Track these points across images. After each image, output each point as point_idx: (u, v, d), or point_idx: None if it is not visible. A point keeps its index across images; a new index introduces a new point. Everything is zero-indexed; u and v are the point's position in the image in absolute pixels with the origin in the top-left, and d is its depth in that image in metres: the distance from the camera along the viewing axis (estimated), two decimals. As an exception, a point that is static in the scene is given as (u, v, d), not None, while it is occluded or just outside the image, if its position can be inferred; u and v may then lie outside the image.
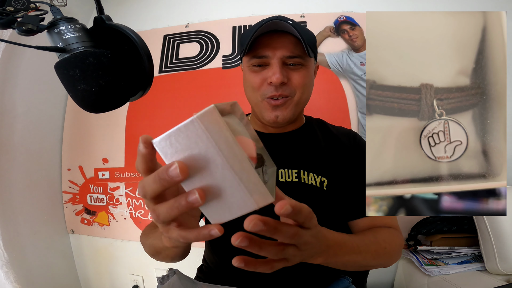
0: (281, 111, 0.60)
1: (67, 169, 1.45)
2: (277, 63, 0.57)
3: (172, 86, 1.38)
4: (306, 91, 0.61)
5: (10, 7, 0.36)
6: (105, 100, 0.40)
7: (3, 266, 1.10)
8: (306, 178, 0.61)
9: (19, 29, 0.35)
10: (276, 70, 0.56)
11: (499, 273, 0.95)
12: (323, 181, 0.61)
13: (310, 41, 0.58)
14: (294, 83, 0.59)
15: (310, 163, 0.63)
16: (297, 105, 0.61)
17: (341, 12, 1.34)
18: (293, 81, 0.58)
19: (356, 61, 1.29)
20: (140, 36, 0.43)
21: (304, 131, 0.68)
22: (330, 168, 0.63)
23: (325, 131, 0.70)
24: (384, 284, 1.25)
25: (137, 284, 1.40)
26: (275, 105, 0.59)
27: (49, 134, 1.40)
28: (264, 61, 0.58)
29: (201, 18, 1.44)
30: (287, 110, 0.60)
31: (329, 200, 0.61)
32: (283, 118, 0.60)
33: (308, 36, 0.59)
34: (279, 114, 0.60)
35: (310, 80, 0.62)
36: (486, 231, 0.96)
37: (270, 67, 0.57)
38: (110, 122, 1.41)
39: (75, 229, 1.44)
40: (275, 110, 0.60)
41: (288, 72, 0.58)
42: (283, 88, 0.58)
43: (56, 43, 0.39)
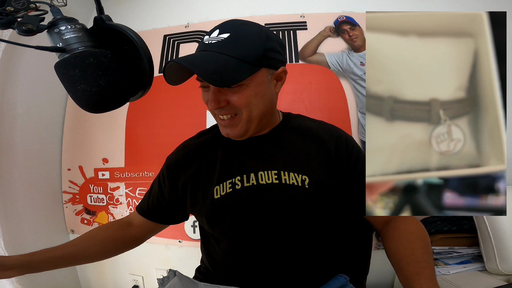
0: (230, 130, 0.60)
1: (67, 169, 1.45)
2: (212, 90, 0.56)
3: (172, 86, 1.38)
4: (255, 107, 0.58)
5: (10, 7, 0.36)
6: (105, 100, 0.41)
7: (3, 266, 1.10)
8: (287, 178, 0.61)
9: (19, 29, 0.35)
10: (211, 96, 0.56)
11: (499, 273, 0.95)
12: (304, 179, 0.61)
13: (250, 54, 0.53)
14: (236, 104, 0.57)
15: (288, 163, 0.62)
16: (249, 122, 0.59)
17: (341, 12, 1.34)
18: (234, 102, 0.56)
19: (356, 61, 1.29)
20: (140, 36, 0.43)
21: (279, 131, 0.67)
22: (310, 166, 0.62)
23: (303, 128, 0.68)
24: (384, 284, 1.24)
25: (137, 284, 1.40)
26: (224, 124, 0.60)
27: (49, 134, 1.40)
28: (205, 84, 0.58)
29: (201, 18, 1.44)
30: (237, 128, 0.60)
31: (313, 198, 0.60)
32: (234, 135, 0.61)
33: (246, 49, 0.53)
34: (229, 132, 0.61)
35: (258, 96, 0.57)
36: (486, 231, 0.96)
37: (210, 90, 0.57)
38: (110, 122, 1.41)
39: (75, 229, 1.44)
40: (226, 128, 0.61)
41: (226, 95, 0.56)
42: (225, 109, 0.58)
43: (56, 43, 0.39)
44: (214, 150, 0.68)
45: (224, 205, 0.62)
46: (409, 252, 0.52)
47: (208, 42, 0.55)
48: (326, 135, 0.66)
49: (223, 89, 0.56)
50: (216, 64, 0.51)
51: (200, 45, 0.57)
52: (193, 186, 0.67)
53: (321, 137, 0.66)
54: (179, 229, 1.31)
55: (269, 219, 0.60)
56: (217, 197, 0.62)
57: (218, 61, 0.52)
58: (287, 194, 0.60)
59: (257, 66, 0.55)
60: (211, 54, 0.53)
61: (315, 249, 0.63)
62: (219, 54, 0.53)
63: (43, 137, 1.36)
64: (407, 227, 0.57)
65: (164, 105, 1.37)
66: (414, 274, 0.47)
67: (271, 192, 0.60)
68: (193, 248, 1.32)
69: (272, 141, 0.66)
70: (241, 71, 0.53)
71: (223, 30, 0.55)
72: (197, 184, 0.66)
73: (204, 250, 0.74)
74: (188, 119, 1.34)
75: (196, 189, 0.66)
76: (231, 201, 0.61)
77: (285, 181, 0.61)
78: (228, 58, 0.52)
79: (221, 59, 0.52)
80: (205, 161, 0.67)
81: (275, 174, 0.61)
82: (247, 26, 0.57)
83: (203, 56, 0.53)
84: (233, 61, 0.52)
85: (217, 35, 0.55)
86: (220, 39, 0.54)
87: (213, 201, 0.62)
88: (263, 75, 0.57)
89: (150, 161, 1.35)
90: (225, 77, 0.51)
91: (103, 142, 1.42)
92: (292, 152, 0.64)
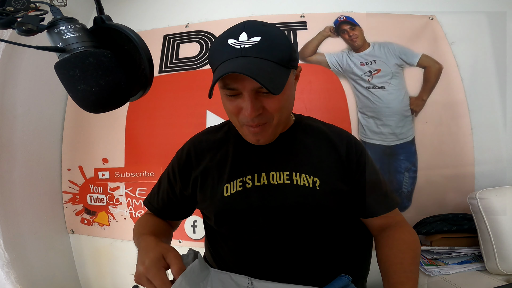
0: (261, 136, 0.59)
1: (67, 169, 1.45)
2: (249, 96, 0.53)
3: (172, 86, 1.38)
4: (285, 110, 0.59)
5: (10, 7, 0.36)
6: (105, 100, 0.40)
7: (4, 266, 1.10)
8: (298, 179, 0.61)
9: (19, 29, 0.35)
10: (248, 105, 0.53)
11: (499, 273, 0.95)
12: (315, 181, 0.61)
13: (285, 57, 0.53)
14: (271, 110, 0.55)
15: (300, 164, 0.63)
16: (277, 126, 0.59)
17: (341, 12, 1.34)
18: (269, 109, 0.55)
19: (356, 61, 1.29)
20: (140, 36, 0.43)
21: (293, 133, 0.68)
22: (321, 168, 0.63)
23: (315, 130, 0.69)
24: (384, 284, 1.24)
25: (137, 284, 1.40)
26: (254, 132, 0.58)
27: (49, 134, 1.41)
28: (236, 92, 0.54)
29: (201, 18, 1.44)
30: (267, 134, 0.59)
31: (324, 200, 0.61)
32: (265, 141, 0.60)
33: (281, 52, 0.52)
34: (260, 138, 0.60)
35: (288, 98, 0.58)
36: (486, 231, 0.96)
37: (243, 98, 0.54)
38: (110, 122, 1.41)
39: (75, 229, 1.44)
40: (256, 135, 0.59)
41: (262, 101, 0.54)
42: (259, 117, 0.56)
43: (56, 43, 0.39)
44: (225, 148, 0.68)
45: (234, 203, 0.62)
46: (398, 261, 0.55)
47: (241, 46, 0.51)
48: (337, 139, 0.67)
49: (259, 96, 0.54)
50: (266, 72, 0.49)
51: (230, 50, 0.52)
52: (203, 182, 0.66)
53: (332, 141, 0.66)
54: (179, 229, 1.31)
55: (278, 219, 0.61)
56: (227, 195, 0.62)
57: (267, 68, 0.49)
58: (297, 195, 0.60)
59: (289, 69, 0.54)
60: (255, 61, 0.50)
61: (320, 249, 0.63)
62: (261, 60, 0.50)
63: (43, 137, 1.36)
64: (401, 237, 0.60)
65: (164, 105, 1.37)
66: (399, 283, 0.51)
67: (282, 193, 0.61)
68: (193, 248, 1.32)
69: (285, 142, 0.66)
70: (282, 76, 0.52)
71: (250, 32, 0.52)
72: (206, 181, 0.66)
73: (210, 248, 0.73)
74: (188, 119, 1.34)
75: (206, 185, 0.66)
76: (241, 200, 0.62)
77: (297, 182, 0.61)
78: (270, 63, 0.50)
79: (267, 66, 0.50)
80: (216, 158, 0.67)
81: (286, 175, 0.62)
82: (269, 27, 0.55)
83: (250, 63, 0.49)
84: (276, 67, 0.51)
85: (247, 38, 0.51)
86: (254, 42, 0.51)
87: (222, 199, 0.62)
88: (291, 76, 0.57)
89: (150, 161, 1.35)
90: (277, 83, 0.49)
91: (103, 142, 1.42)
92: (304, 154, 0.64)
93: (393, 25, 1.30)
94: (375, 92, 1.26)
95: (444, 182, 1.21)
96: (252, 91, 0.52)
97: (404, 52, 1.27)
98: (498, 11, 1.26)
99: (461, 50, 1.25)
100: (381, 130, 1.24)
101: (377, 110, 1.25)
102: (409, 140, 1.23)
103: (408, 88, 1.25)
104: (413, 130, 1.23)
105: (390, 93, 1.25)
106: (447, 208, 1.19)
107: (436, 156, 1.21)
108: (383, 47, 1.28)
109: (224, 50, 0.52)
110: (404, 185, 1.22)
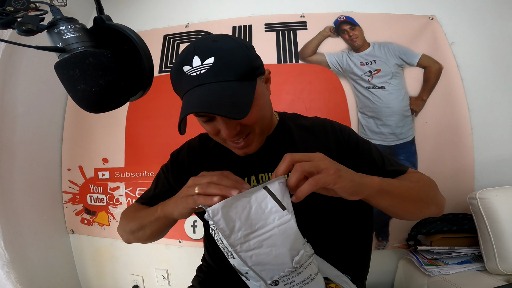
0: (248, 149, 0.60)
1: (67, 169, 1.45)
2: (222, 120, 0.52)
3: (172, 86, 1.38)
4: (264, 119, 0.58)
5: (10, 7, 0.36)
6: (105, 100, 0.40)
7: (4, 266, 1.10)
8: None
9: (19, 29, 0.35)
10: (223, 127, 0.53)
11: (499, 273, 0.95)
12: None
13: (245, 70, 0.50)
14: (248, 124, 0.55)
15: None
16: (262, 134, 0.60)
17: (341, 12, 1.34)
18: (246, 124, 0.55)
19: (356, 61, 1.29)
20: (140, 36, 0.43)
21: (278, 133, 0.69)
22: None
23: (299, 126, 0.69)
24: (384, 284, 1.24)
25: (137, 284, 1.40)
26: (239, 147, 0.59)
27: (49, 134, 1.41)
28: (209, 116, 0.54)
29: (201, 18, 1.44)
30: (253, 145, 0.59)
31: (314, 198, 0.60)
32: (252, 152, 0.61)
33: (239, 66, 0.50)
34: (246, 151, 0.60)
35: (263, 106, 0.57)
36: (486, 231, 0.96)
37: (217, 120, 0.54)
38: (110, 122, 1.41)
39: (75, 229, 1.44)
40: (242, 149, 0.60)
41: (236, 120, 0.53)
42: (240, 134, 0.56)
43: (56, 43, 0.39)
44: (216, 155, 0.69)
45: None
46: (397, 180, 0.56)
47: (196, 73, 0.49)
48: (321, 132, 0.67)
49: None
50: (227, 96, 0.47)
51: (187, 79, 0.50)
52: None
53: (317, 135, 0.67)
54: (179, 229, 1.31)
55: None
56: None
57: (227, 92, 0.48)
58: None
59: (254, 80, 0.53)
60: (213, 88, 0.48)
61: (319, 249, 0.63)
62: (220, 84, 0.48)
63: (43, 137, 1.36)
64: (413, 176, 0.61)
65: (164, 105, 1.37)
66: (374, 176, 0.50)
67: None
68: (193, 248, 1.32)
69: (272, 143, 0.67)
70: (248, 92, 0.50)
71: (202, 54, 0.49)
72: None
73: (209, 248, 0.74)
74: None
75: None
76: None
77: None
78: (231, 84, 0.49)
79: (227, 89, 0.48)
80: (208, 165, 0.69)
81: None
82: (221, 41, 0.52)
83: (209, 93, 0.48)
84: (237, 85, 0.49)
85: (201, 63, 0.49)
86: (209, 66, 0.48)
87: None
88: (260, 85, 0.56)
89: (150, 161, 1.35)
90: (243, 105, 0.48)
91: (103, 142, 1.42)
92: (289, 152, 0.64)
93: (393, 25, 1.30)
94: (375, 92, 1.26)
95: (444, 182, 1.21)
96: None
97: (404, 52, 1.27)
98: (498, 11, 1.26)
99: (461, 50, 1.25)
100: (381, 130, 1.24)
101: (377, 110, 1.25)
102: (409, 140, 1.23)
103: (408, 88, 1.25)
104: (413, 130, 1.23)
105: (390, 93, 1.25)
106: (447, 208, 1.17)
107: (436, 156, 1.21)
108: (383, 47, 1.28)
109: (182, 79, 0.51)
110: (404, 185, 1.22)
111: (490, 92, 1.23)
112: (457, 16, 1.28)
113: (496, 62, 1.24)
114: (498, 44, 1.24)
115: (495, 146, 1.20)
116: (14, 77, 1.20)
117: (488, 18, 1.26)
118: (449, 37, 1.27)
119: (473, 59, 1.25)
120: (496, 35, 1.25)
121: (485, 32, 1.26)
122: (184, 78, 0.50)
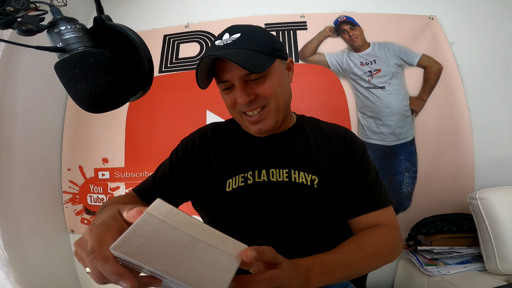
0: (262, 124, 0.61)
1: (67, 169, 1.45)
2: (239, 84, 0.58)
3: (172, 86, 1.38)
4: (280, 95, 0.61)
5: (10, 7, 0.36)
6: (105, 100, 0.40)
7: (4, 266, 1.10)
8: (296, 177, 0.62)
9: (19, 29, 0.35)
10: (239, 91, 0.58)
11: (499, 273, 0.95)
12: (313, 179, 0.62)
13: (265, 46, 0.58)
14: (263, 95, 0.59)
15: (300, 163, 0.64)
16: (277, 111, 0.62)
17: (341, 12, 1.34)
18: (261, 94, 0.59)
19: (356, 61, 1.29)
20: (140, 36, 0.43)
21: (294, 132, 0.69)
22: (320, 167, 0.64)
23: (316, 130, 0.70)
24: (384, 284, 1.25)
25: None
26: (254, 121, 0.61)
27: (49, 134, 1.40)
28: (229, 84, 0.60)
29: (201, 18, 1.44)
30: (268, 121, 0.61)
31: (321, 198, 0.62)
32: (266, 129, 0.62)
33: (261, 43, 0.58)
34: (261, 127, 0.62)
35: (281, 84, 0.61)
36: (486, 231, 0.96)
37: (235, 88, 0.59)
38: (110, 122, 1.41)
39: (75, 229, 1.44)
40: (256, 124, 0.62)
41: (253, 88, 0.59)
42: (254, 103, 0.59)
43: (56, 43, 0.39)
44: (229, 145, 0.69)
45: (235, 199, 0.62)
46: (349, 247, 0.54)
47: (223, 43, 0.58)
48: (335, 138, 0.68)
49: (249, 84, 0.59)
50: (244, 55, 0.55)
51: (215, 47, 0.59)
52: (204, 175, 0.67)
53: (331, 140, 0.68)
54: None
55: (276, 216, 0.61)
56: (229, 190, 0.63)
57: (244, 54, 0.55)
58: (295, 192, 0.61)
59: (273, 57, 0.59)
60: (234, 50, 0.56)
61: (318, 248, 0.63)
62: (241, 49, 0.56)
63: (43, 137, 1.36)
64: (373, 233, 0.58)
65: (164, 105, 1.37)
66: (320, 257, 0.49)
67: (281, 190, 0.62)
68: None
69: (286, 141, 0.67)
70: (264, 61, 0.57)
71: (232, 32, 0.59)
72: (209, 175, 0.66)
73: None
74: (188, 119, 1.34)
75: (208, 180, 0.66)
76: (241, 196, 0.62)
77: (295, 179, 0.62)
78: (250, 52, 0.56)
79: (246, 53, 0.55)
80: (219, 154, 0.68)
81: (286, 172, 0.63)
82: (251, 26, 0.62)
83: (229, 51, 0.55)
84: (255, 54, 0.56)
85: (229, 37, 0.59)
86: (235, 38, 0.58)
87: (224, 195, 0.63)
88: (279, 65, 0.61)
89: (150, 161, 1.35)
90: (256, 64, 0.54)
91: (103, 142, 1.42)
92: (304, 152, 0.66)
93: (393, 25, 1.30)
94: (375, 92, 1.26)
95: (444, 182, 1.21)
96: (241, 79, 0.57)
97: (404, 52, 1.27)
98: (498, 11, 1.26)
99: (461, 50, 1.26)
100: (381, 130, 1.24)
101: (377, 110, 1.25)
102: (409, 140, 1.23)
103: (408, 88, 1.25)
104: (413, 130, 1.23)
105: (390, 93, 1.25)
106: (447, 208, 1.19)
107: (436, 156, 1.21)
108: (383, 47, 1.29)
109: (211, 49, 0.61)
110: (404, 185, 1.22)
111: (490, 92, 1.23)
112: (457, 16, 1.28)
113: (496, 62, 1.24)
114: (498, 44, 1.24)
115: (495, 146, 1.20)
116: (14, 77, 1.20)
117: (488, 18, 1.26)
118: (449, 37, 1.27)
119: (473, 59, 1.25)
120: (496, 35, 1.25)
121: (485, 32, 1.26)
122: (212, 47, 0.60)
